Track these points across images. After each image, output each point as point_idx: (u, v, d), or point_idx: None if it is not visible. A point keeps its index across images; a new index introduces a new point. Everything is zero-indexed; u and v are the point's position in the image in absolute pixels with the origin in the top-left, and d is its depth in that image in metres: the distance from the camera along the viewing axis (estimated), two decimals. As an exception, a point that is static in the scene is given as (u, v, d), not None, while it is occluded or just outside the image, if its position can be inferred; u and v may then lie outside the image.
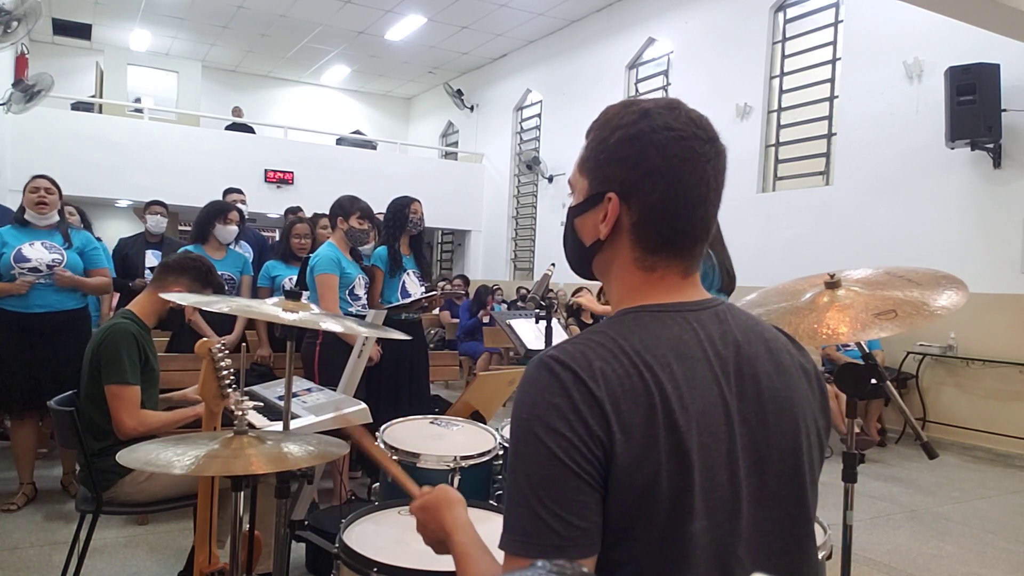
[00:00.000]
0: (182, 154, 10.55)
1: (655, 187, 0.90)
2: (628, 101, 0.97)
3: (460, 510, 1.05)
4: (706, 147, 0.91)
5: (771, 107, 7.98)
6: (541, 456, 0.82)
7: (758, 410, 0.91)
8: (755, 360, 0.93)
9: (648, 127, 0.91)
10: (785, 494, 0.92)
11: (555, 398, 0.83)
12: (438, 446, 2.19)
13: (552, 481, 0.81)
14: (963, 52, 5.84)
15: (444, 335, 8.60)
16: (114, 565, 2.99)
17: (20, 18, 6.18)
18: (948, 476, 5.06)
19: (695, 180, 0.90)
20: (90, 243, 3.76)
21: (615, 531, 0.84)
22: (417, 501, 1.11)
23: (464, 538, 1.00)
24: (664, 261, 0.94)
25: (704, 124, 0.92)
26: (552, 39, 11.42)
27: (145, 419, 2.43)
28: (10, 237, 3.53)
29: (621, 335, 0.88)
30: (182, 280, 2.63)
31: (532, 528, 0.81)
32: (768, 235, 7.38)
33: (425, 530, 1.08)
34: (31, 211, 3.56)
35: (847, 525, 1.86)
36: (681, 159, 0.90)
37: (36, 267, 3.51)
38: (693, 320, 0.92)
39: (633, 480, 0.82)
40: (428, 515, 1.07)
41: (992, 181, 5.92)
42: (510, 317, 3.47)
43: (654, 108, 0.92)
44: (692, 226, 0.92)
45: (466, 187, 13.03)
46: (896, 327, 1.58)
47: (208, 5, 10.79)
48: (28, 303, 3.51)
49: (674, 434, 0.83)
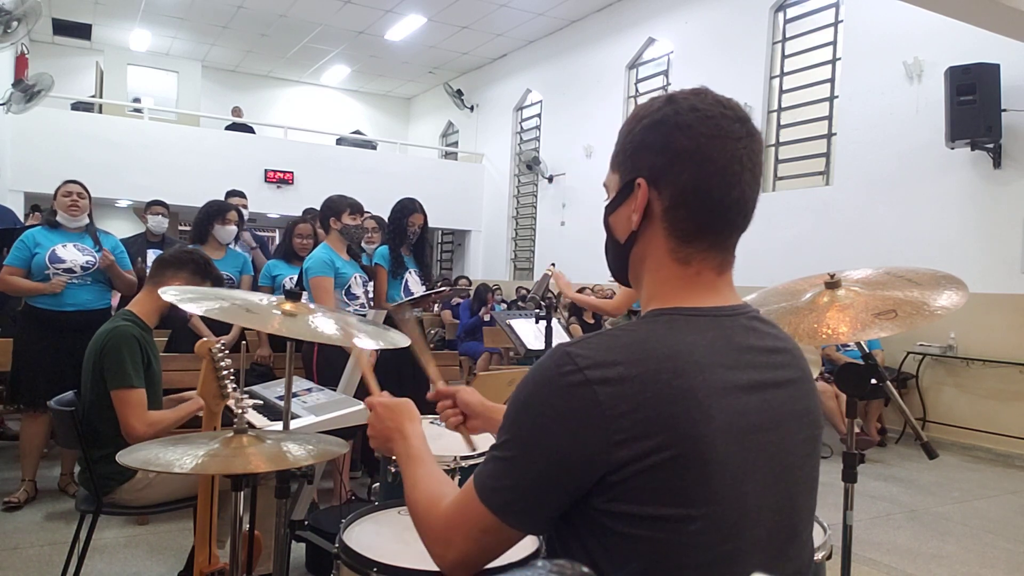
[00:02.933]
0: (182, 154, 10.55)
1: (684, 168, 0.88)
2: (655, 96, 0.96)
3: (418, 423, 1.15)
4: (735, 126, 0.89)
5: (771, 107, 7.98)
6: (546, 449, 0.84)
7: (780, 420, 0.91)
8: (779, 368, 0.94)
9: (672, 111, 0.89)
10: (800, 501, 0.94)
11: (564, 394, 0.83)
12: (438, 446, 2.18)
13: (545, 475, 0.85)
14: (963, 52, 5.84)
15: (444, 335, 8.60)
16: (114, 565, 2.99)
17: (20, 18, 6.18)
18: (948, 476, 5.06)
19: (726, 159, 0.88)
20: (117, 247, 3.91)
21: (628, 527, 0.83)
22: (378, 397, 1.19)
23: (420, 444, 1.09)
24: (699, 253, 0.92)
25: (733, 105, 0.91)
26: (552, 39, 11.42)
27: (154, 420, 2.41)
28: (42, 238, 3.68)
29: (654, 336, 0.87)
30: (181, 274, 2.60)
31: (504, 489, 0.87)
32: (768, 235, 7.38)
33: (380, 424, 1.17)
34: (63, 214, 3.73)
35: (847, 525, 1.86)
36: (708, 137, 0.88)
37: (70, 268, 3.66)
38: (725, 327, 0.91)
39: (649, 483, 0.82)
40: (389, 412, 1.16)
41: (992, 181, 5.92)
42: (510, 317, 3.48)
43: (679, 94, 0.92)
44: (727, 208, 0.90)
45: (466, 187, 13.03)
46: (896, 327, 1.58)
47: (208, 5, 10.79)
48: (61, 302, 3.64)
49: (695, 443, 0.82)
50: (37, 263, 3.61)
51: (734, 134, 0.89)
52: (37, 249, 3.63)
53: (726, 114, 0.89)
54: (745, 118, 0.91)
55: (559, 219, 11.05)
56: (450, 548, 0.91)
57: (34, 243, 3.64)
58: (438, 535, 0.93)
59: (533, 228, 11.95)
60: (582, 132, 10.57)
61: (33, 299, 3.65)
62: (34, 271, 3.62)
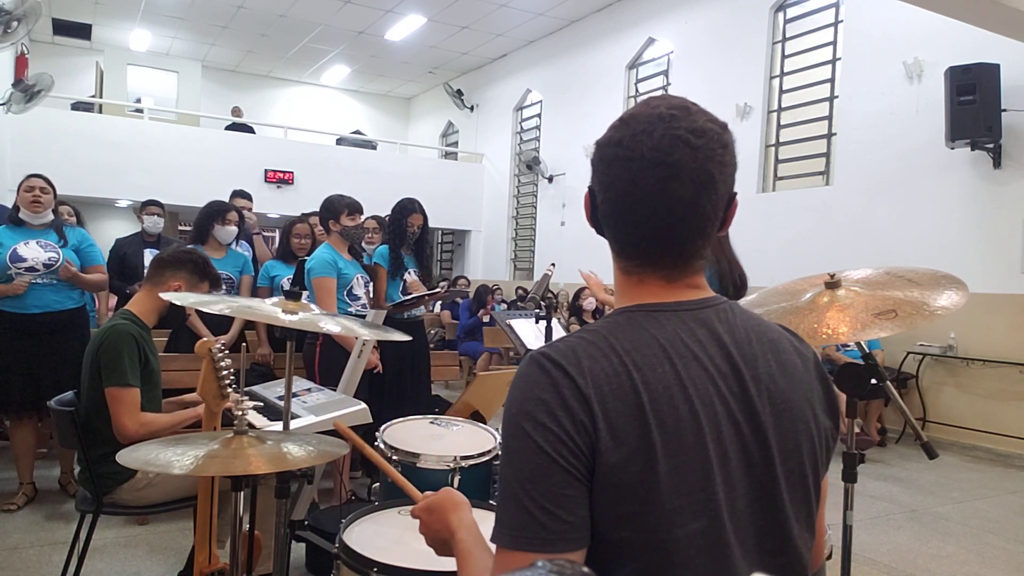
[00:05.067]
0: (182, 154, 10.54)
1: (605, 197, 0.94)
2: (649, 100, 0.95)
3: (466, 512, 1.06)
4: (654, 171, 0.88)
5: (771, 107, 7.97)
6: (528, 450, 0.83)
7: (756, 412, 0.90)
8: (755, 361, 0.92)
9: (606, 140, 0.94)
10: (783, 495, 0.91)
11: (543, 393, 0.84)
12: (438, 446, 2.19)
13: (539, 475, 0.82)
14: (963, 52, 5.84)
15: (444, 335, 8.60)
16: (114, 565, 2.99)
17: (20, 18, 6.18)
18: (948, 476, 5.06)
19: (633, 199, 0.90)
20: (85, 240, 3.74)
21: (609, 531, 0.84)
22: (422, 503, 1.11)
23: (468, 536, 1.01)
24: (637, 268, 0.95)
25: (664, 147, 0.88)
26: (552, 39, 11.42)
27: (146, 421, 2.41)
28: (5, 238, 3.52)
29: (613, 334, 0.89)
30: (180, 274, 2.60)
31: (519, 521, 0.82)
32: (768, 235, 7.37)
33: (428, 531, 1.08)
34: (25, 210, 3.55)
35: (847, 525, 1.86)
36: (618, 178, 0.91)
37: (32, 266, 3.50)
38: (690, 319, 0.92)
39: (621, 480, 0.82)
40: (433, 516, 1.08)
41: (992, 181, 5.92)
42: (510, 317, 3.47)
43: (631, 118, 0.93)
44: (640, 240, 0.92)
45: (466, 187, 13.03)
46: (896, 327, 1.58)
47: (208, 5, 10.78)
48: (26, 304, 3.50)
49: (661, 435, 0.83)
50: None
51: (648, 178, 0.88)
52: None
53: (646, 157, 0.88)
54: (672, 162, 0.88)
55: (559, 219, 11.05)
56: None
57: None
58: None
59: (533, 228, 11.95)
60: (582, 132, 10.57)
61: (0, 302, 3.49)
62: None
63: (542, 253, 11.54)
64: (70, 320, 3.65)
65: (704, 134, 0.89)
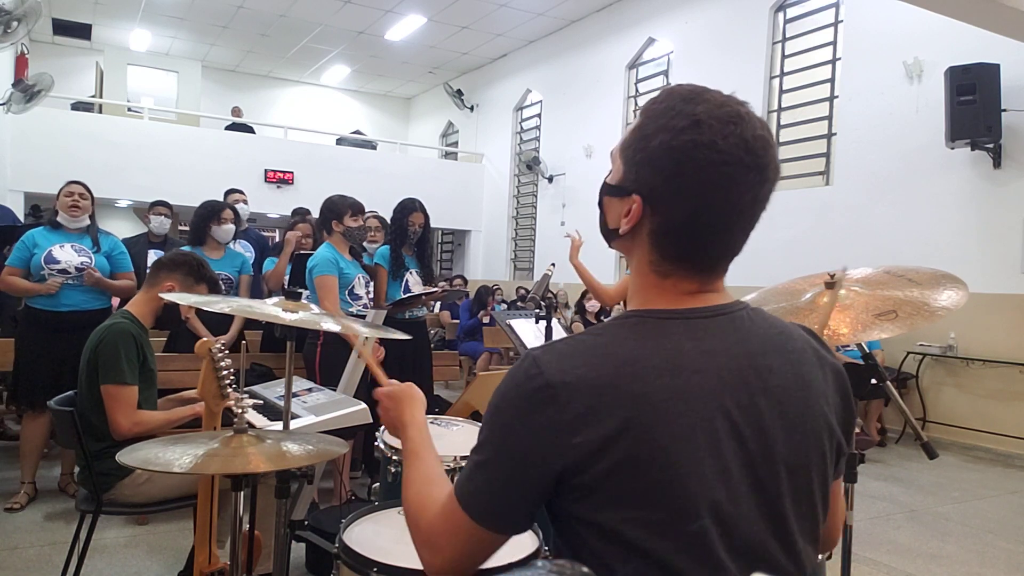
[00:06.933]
0: (182, 154, 10.54)
1: (682, 206, 0.86)
2: (690, 94, 0.88)
3: (419, 409, 1.18)
4: (750, 176, 0.85)
5: (771, 107, 7.98)
6: (504, 446, 0.87)
7: (764, 427, 0.87)
8: (769, 372, 0.89)
9: (691, 142, 0.84)
10: (788, 512, 0.88)
11: (529, 396, 0.85)
12: (438, 446, 2.15)
13: (504, 469, 0.87)
14: (963, 52, 5.84)
15: (444, 335, 8.59)
16: (114, 565, 2.99)
17: (20, 18, 6.18)
18: (948, 476, 5.06)
19: (726, 208, 0.86)
20: (117, 247, 3.89)
21: (610, 540, 0.83)
22: (385, 388, 1.22)
23: (416, 435, 1.12)
24: (679, 271, 0.91)
25: (756, 148, 0.85)
26: (552, 39, 11.42)
27: (141, 419, 2.41)
28: (41, 239, 3.68)
29: (615, 341, 0.88)
30: (174, 276, 2.62)
31: (475, 490, 0.89)
32: (768, 235, 7.32)
33: (387, 416, 1.20)
34: (64, 214, 3.71)
35: (847, 525, 1.86)
36: (715, 186, 0.85)
37: (65, 268, 3.65)
38: (699, 328, 0.89)
39: (613, 490, 0.82)
40: (392, 403, 1.20)
41: (992, 181, 5.92)
42: (510, 317, 3.47)
43: (707, 119, 0.84)
44: (714, 247, 0.90)
45: (466, 187, 13.03)
46: (896, 328, 1.58)
47: (208, 5, 10.78)
48: (57, 303, 3.63)
49: (650, 449, 0.81)
50: (34, 264, 3.62)
51: (744, 184, 0.86)
52: (35, 249, 3.64)
53: (744, 161, 0.84)
54: (764, 165, 0.86)
55: (559, 219, 11.04)
56: (437, 554, 0.93)
57: (33, 243, 3.65)
58: (425, 539, 0.95)
59: (533, 228, 11.94)
60: (582, 132, 10.57)
61: (31, 300, 3.66)
62: (32, 271, 3.63)
63: (542, 253, 11.54)
64: (97, 319, 3.70)
65: (766, 128, 0.90)
